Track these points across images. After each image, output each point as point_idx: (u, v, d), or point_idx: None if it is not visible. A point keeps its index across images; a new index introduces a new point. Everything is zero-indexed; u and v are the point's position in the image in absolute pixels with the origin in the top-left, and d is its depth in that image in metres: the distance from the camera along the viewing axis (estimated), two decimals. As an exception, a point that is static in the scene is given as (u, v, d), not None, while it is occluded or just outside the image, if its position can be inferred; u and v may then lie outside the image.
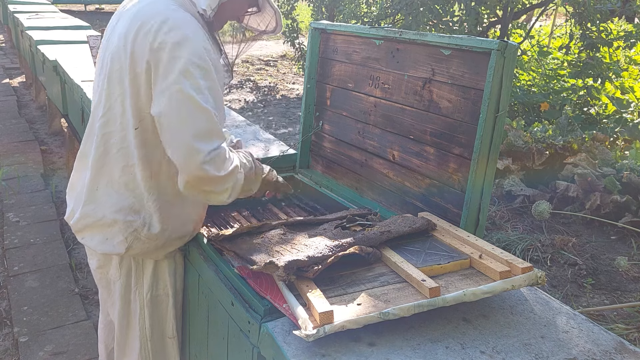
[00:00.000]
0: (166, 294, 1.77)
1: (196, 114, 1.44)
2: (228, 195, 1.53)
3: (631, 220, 3.72)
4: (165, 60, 1.45)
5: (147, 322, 1.77)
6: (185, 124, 1.44)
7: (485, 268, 1.39)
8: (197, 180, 1.47)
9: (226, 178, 1.50)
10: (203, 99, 1.45)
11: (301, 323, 1.19)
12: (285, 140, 5.12)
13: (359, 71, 2.02)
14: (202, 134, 1.45)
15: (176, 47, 1.45)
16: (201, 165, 1.44)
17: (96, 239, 1.64)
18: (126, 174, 1.57)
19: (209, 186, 1.49)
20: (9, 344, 2.70)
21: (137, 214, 1.60)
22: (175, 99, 1.43)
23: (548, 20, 10.92)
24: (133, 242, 1.61)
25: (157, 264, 1.72)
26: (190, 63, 1.44)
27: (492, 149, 1.55)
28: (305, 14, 11.84)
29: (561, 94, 6.04)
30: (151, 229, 1.61)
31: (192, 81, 1.44)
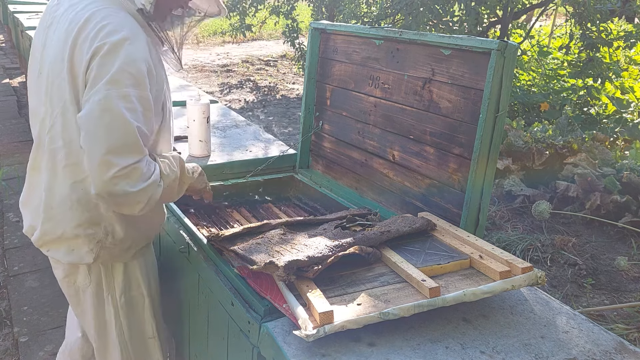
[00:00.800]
0: (141, 294, 1.74)
1: (116, 126, 1.37)
2: (141, 208, 1.47)
3: (631, 220, 3.72)
4: (97, 66, 1.39)
5: (124, 325, 1.73)
6: (102, 135, 1.37)
7: (485, 268, 1.39)
8: (107, 194, 1.40)
9: (139, 194, 1.43)
10: (128, 109, 1.39)
11: (301, 323, 1.19)
12: (285, 140, 5.12)
13: (359, 71, 2.02)
14: (118, 148, 1.37)
15: (109, 53, 1.39)
16: (111, 179, 1.37)
17: (61, 251, 1.60)
18: (77, 191, 1.52)
19: (119, 199, 1.43)
20: (9, 344, 2.70)
21: (97, 226, 1.56)
22: (98, 108, 1.37)
23: (548, 20, 10.92)
24: (100, 251, 1.58)
25: (127, 266, 1.70)
26: (121, 70, 1.38)
27: (492, 149, 1.55)
28: (305, 14, 11.85)
29: (561, 94, 6.04)
30: (115, 235, 1.59)
31: (119, 90, 1.37)
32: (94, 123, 1.37)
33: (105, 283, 1.68)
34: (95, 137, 1.37)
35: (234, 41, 12.80)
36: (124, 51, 1.39)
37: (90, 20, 1.43)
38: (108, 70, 1.38)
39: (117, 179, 1.38)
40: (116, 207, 1.50)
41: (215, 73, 9.58)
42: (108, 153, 1.37)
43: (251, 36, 12.52)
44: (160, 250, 2.04)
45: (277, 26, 10.45)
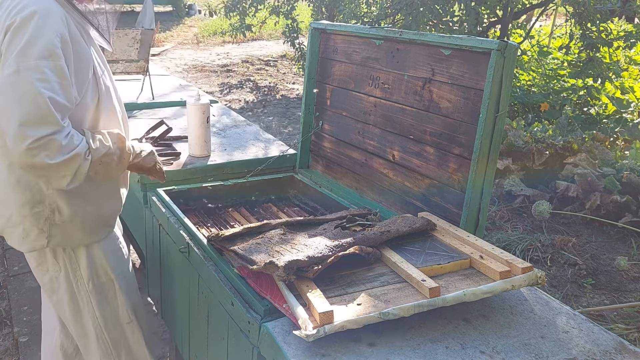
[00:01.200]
0: (109, 279, 1.74)
1: (27, 97, 1.38)
2: (68, 181, 1.48)
3: (631, 220, 3.72)
4: (8, 42, 1.41)
5: (96, 311, 1.74)
6: (14, 108, 1.38)
7: (485, 268, 1.39)
8: (26, 165, 1.42)
9: (61, 166, 1.43)
10: (40, 80, 1.38)
11: (301, 323, 1.19)
12: (285, 140, 5.12)
13: (359, 71, 2.02)
14: (31, 120, 1.37)
15: (21, 26, 1.40)
16: (27, 151, 1.37)
17: (14, 238, 1.63)
18: (14, 171, 1.55)
19: (41, 172, 1.45)
20: (9, 344, 2.70)
21: (41, 203, 1.58)
22: (8, 81, 1.38)
23: (548, 20, 10.91)
24: (50, 229, 1.60)
25: (90, 250, 1.70)
26: (29, 43, 1.39)
27: (492, 149, 1.55)
28: (305, 14, 11.85)
29: (561, 94, 6.04)
30: (62, 212, 1.59)
31: (28, 62, 1.38)
32: (5, 97, 1.38)
33: (71, 270, 1.69)
34: (7, 110, 1.38)
35: (234, 41, 12.80)
36: (33, 25, 1.40)
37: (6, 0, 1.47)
38: (17, 44, 1.39)
39: (33, 150, 1.38)
40: (43, 180, 1.52)
41: (215, 73, 9.58)
42: (22, 125, 1.36)
43: (251, 36, 12.52)
44: (160, 250, 2.04)
45: (277, 26, 10.45)
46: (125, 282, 1.78)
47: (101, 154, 1.55)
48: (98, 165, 1.54)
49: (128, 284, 1.80)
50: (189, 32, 13.83)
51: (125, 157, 1.65)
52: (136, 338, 1.85)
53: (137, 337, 1.84)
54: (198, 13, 16.05)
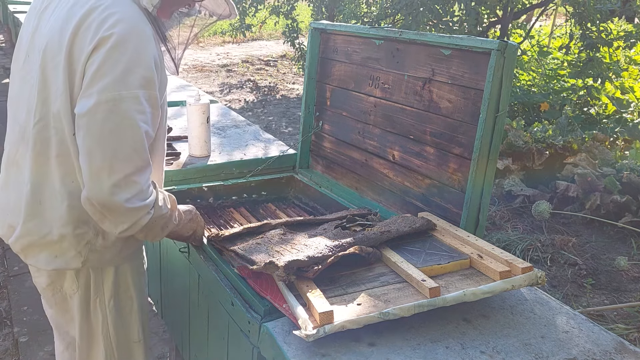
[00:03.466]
0: (129, 297, 1.65)
1: (124, 130, 1.28)
2: (123, 229, 1.35)
3: (631, 220, 3.72)
4: (103, 60, 1.27)
5: (111, 329, 1.64)
6: (107, 138, 1.27)
7: (485, 268, 1.39)
8: (101, 202, 1.29)
9: (131, 212, 1.32)
10: (138, 111, 1.29)
11: (301, 323, 1.19)
12: (285, 140, 5.12)
13: (359, 71, 2.02)
14: (123, 154, 1.27)
15: (117, 46, 1.27)
16: (111, 187, 1.27)
17: (42, 257, 1.49)
18: (67, 183, 1.41)
19: (111, 212, 1.31)
20: (9, 344, 2.70)
21: (86, 224, 1.45)
22: (105, 108, 1.26)
23: (548, 20, 10.91)
24: (89, 254, 1.48)
25: (118, 269, 1.59)
26: (131, 69, 1.28)
27: (492, 149, 1.55)
28: (305, 14, 11.85)
29: (561, 94, 6.04)
30: (106, 237, 1.48)
31: (130, 91, 1.27)
32: (99, 124, 1.27)
33: (93, 287, 1.58)
34: (99, 139, 1.27)
35: (234, 41, 12.80)
36: (133, 46, 1.29)
37: (96, 8, 1.32)
38: (116, 67, 1.27)
39: (116, 188, 1.27)
40: (100, 218, 1.35)
41: (215, 73, 9.58)
42: (113, 158, 1.26)
43: (251, 36, 12.52)
44: (160, 250, 2.04)
45: (277, 26, 10.46)
46: (140, 299, 1.69)
47: (159, 215, 1.41)
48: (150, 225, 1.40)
49: (142, 303, 1.71)
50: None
51: (170, 226, 1.51)
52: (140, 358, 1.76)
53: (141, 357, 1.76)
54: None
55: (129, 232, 1.37)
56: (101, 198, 1.29)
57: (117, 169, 1.27)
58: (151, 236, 1.47)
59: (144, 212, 1.35)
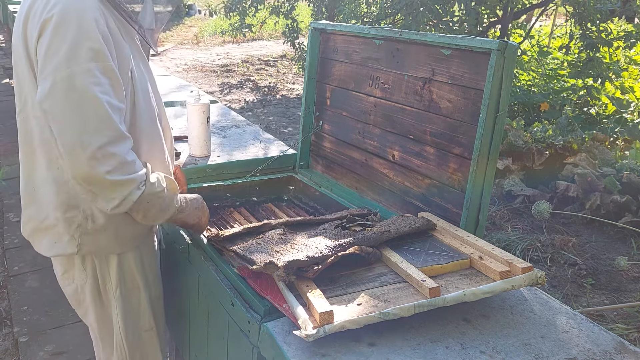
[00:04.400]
0: (136, 286, 1.67)
1: (85, 104, 1.30)
2: (114, 205, 1.37)
3: (631, 220, 3.72)
4: (49, 40, 1.30)
5: (119, 318, 1.67)
6: (71, 116, 1.29)
7: (485, 268, 1.39)
8: (83, 178, 1.33)
9: (115, 185, 1.34)
10: (94, 84, 1.30)
11: (301, 323, 1.19)
12: (285, 140, 5.12)
13: (359, 71, 2.02)
14: (91, 127, 1.29)
15: (61, 24, 1.29)
16: (88, 161, 1.29)
17: (44, 243, 1.54)
18: (52, 169, 1.46)
19: (94, 187, 1.35)
20: (9, 344, 2.70)
21: (75, 208, 1.49)
22: (61, 87, 1.29)
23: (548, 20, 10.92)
24: (82, 237, 1.51)
25: (122, 258, 1.62)
26: (77, 44, 1.29)
27: (492, 149, 1.55)
28: (305, 14, 11.85)
29: (561, 94, 6.04)
30: (95, 220, 1.50)
31: (80, 66, 1.29)
32: (61, 104, 1.30)
33: (100, 277, 1.62)
34: (64, 119, 1.30)
35: (234, 41, 12.81)
36: (75, 21, 1.31)
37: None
38: (62, 45, 1.29)
39: (94, 161, 1.30)
40: (92, 197, 1.40)
41: (215, 73, 9.58)
42: (82, 133, 1.29)
43: (251, 36, 12.52)
44: (160, 250, 2.04)
45: (277, 26, 10.45)
46: (150, 289, 1.71)
47: (153, 192, 1.44)
48: (145, 203, 1.43)
49: (153, 292, 1.73)
50: (189, 32, 13.84)
51: (171, 210, 1.53)
52: (153, 347, 1.78)
53: (154, 346, 1.78)
54: (198, 13, 16.06)
55: (122, 208, 1.39)
56: (82, 173, 1.32)
57: (88, 142, 1.29)
58: (150, 217, 1.49)
59: (132, 187, 1.37)
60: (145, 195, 1.41)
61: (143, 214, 1.47)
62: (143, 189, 1.40)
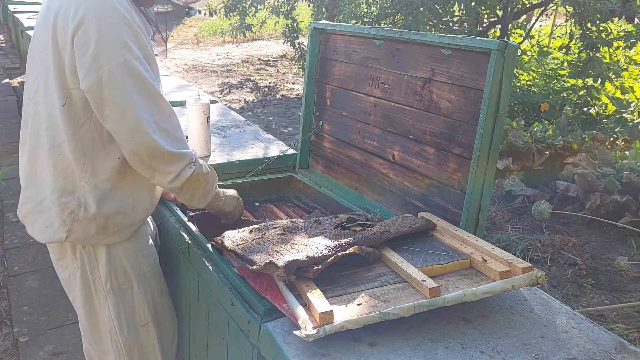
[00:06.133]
0: (128, 280, 1.69)
1: (141, 86, 1.43)
2: (171, 178, 1.50)
3: (631, 220, 3.72)
4: (93, 32, 1.39)
5: (112, 312, 1.68)
6: (132, 97, 1.41)
7: (485, 268, 1.39)
8: (145, 149, 1.45)
9: (173, 157, 1.48)
10: (144, 69, 1.44)
11: (301, 323, 1.19)
12: (285, 140, 5.12)
13: (359, 71, 2.02)
14: (148, 106, 1.44)
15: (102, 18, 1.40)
16: (150, 134, 1.43)
17: (37, 226, 1.59)
18: (53, 155, 1.53)
19: (155, 160, 1.47)
20: (9, 344, 2.70)
21: (70, 194, 1.54)
22: (119, 72, 1.40)
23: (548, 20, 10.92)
24: (72, 224, 1.55)
25: (110, 250, 1.65)
26: (122, 33, 1.41)
27: (492, 149, 1.55)
28: (305, 14, 11.85)
29: (561, 94, 6.04)
30: (88, 209, 1.55)
31: (132, 53, 1.42)
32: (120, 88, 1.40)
33: (89, 267, 1.64)
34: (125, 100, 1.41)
35: (234, 41, 12.80)
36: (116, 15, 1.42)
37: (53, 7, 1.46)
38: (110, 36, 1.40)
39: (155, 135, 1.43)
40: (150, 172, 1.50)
41: (215, 73, 9.58)
42: (142, 111, 1.42)
43: (251, 36, 12.52)
44: (160, 250, 2.04)
45: (277, 26, 10.46)
46: (144, 283, 1.72)
47: (201, 173, 1.58)
48: (193, 183, 1.57)
49: (147, 285, 1.74)
50: (189, 32, 13.83)
51: (211, 194, 1.67)
52: (150, 342, 1.77)
53: (151, 341, 1.77)
54: (198, 13, 16.05)
55: (177, 182, 1.52)
56: (146, 145, 1.44)
57: (148, 120, 1.43)
58: (196, 199, 1.63)
59: (185, 162, 1.52)
60: (195, 175, 1.55)
61: (191, 194, 1.60)
62: (194, 167, 1.54)
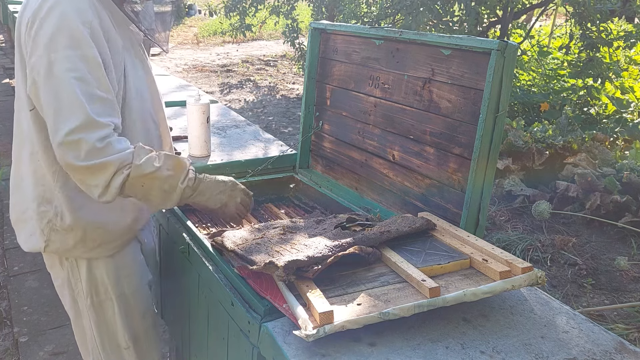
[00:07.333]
0: (108, 298, 1.60)
1: (60, 90, 1.31)
2: (99, 192, 1.34)
3: (631, 220, 3.72)
4: (35, 33, 1.34)
5: (94, 329, 1.62)
6: (50, 103, 1.32)
7: (485, 268, 1.39)
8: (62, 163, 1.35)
9: (89, 170, 1.32)
10: (69, 69, 1.31)
11: (301, 323, 1.19)
12: (285, 140, 5.12)
13: (359, 71, 2.02)
14: (63, 112, 1.30)
15: (46, 17, 1.33)
16: (59, 146, 1.31)
17: (22, 235, 1.56)
18: (33, 162, 1.48)
19: (75, 175, 1.35)
20: (9, 344, 2.70)
21: (49, 203, 1.49)
22: (42, 75, 1.32)
23: (548, 20, 10.92)
24: (50, 234, 1.50)
25: (92, 265, 1.57)
26: (56, 33, 1.32)
27: (492, 149, 1.55)
28: (305, 14, 11.85)
29: (561, 94, 6.04)
30: (64, 218, 1.49)
31: (58, 53, 1.31)
32: (43, 92, 1.33)
33: (72, 280, 1.59)
34: (46, 105, 1.33)
35: (234, 41, 12.80)
36: (57, 13, 1.33)
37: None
38: (44, 35, 1.32)
39: (64, 147, 1.30)
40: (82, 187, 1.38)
41: (215, 73, 9.58)
42: (56, 118, 1.31)
43: (251, 36, 12.52)
44: (160, 250, 2.04)
45: (277, 26, 10.45)
46: (125, 304, 1.64)
47: (143, 174, 1.37)
48: (139, 187, 1.37)
49: (129, 307, 1.65)
50: (189, 32, 13.83)
51: (177, 191, 1.44)
52: None
53: None
54: (198, 13, 16.06)
55: (109, 195, 1.34)
56: (61, 160, 1.34)
57: (60, 128, 1.30)
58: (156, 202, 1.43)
59: (110, 170, 1.32)
60: (133, 178, 1.35)
61: (145, 199, 1.41)
62: (127, 172, 1.34)
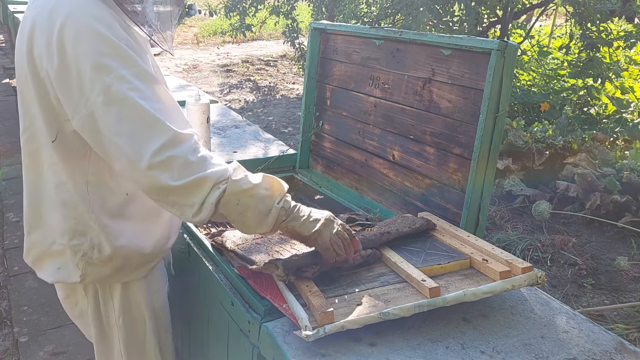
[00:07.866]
0: (141, 316, 1.56)
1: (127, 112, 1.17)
2: (194, 212, 1.21)
3: (631, 220, 3.72)
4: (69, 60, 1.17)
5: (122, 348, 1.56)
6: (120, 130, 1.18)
7: (485, 268, 1.39)
8: (153, 192, 1.21)
9: (186, 189, 1.19)
10: (130, 89, 1.17)
11: (301, 323, 1.19)
12: (285, 140, 5.12)
13: (359, 71, 2.02)
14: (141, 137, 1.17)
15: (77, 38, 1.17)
16: (147, 172, 1.17)
17: (48, 269, 1.43)
18: (61, 192, 1.34)
19: (170, 198, 1.21)
20: (9, 344, 2.70)
21: (82, 235, 1.37)
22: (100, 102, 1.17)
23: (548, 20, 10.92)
24: (86, 267, 1.39)
25: (127, 286, 1.51)
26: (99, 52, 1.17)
27: (492, 149, 1.55)
28: (305, 14, 11.84)
29: (561, 94, 6.04)
30: (102, 251, 1.38)
31: (110, 75, 1.17)
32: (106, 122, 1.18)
33: (102, 303, 1.51)
34: (114, 135, 1.18)
35: (234, 41, 12.80)
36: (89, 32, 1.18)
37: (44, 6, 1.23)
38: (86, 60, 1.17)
39: (154, 171, 1.17)
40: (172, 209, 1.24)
41: (215, 73, 9.58)
42: (134, 144, 1.17)
43: (251, 36, 12.52)
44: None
45: (277, 26, 10.45)
46: (155, 319, 1.59)
47: (240, 190, 1.23)
48: (233, 205, 1.23)
49: (158, 322, 1.60)
50: (188, 32, 13.83)
51: (273, 212, 1.26)
52: None
53: None
54: (198, 13, 16.05)
55: (204, 214, 1.21)
56: (150, 186, 1.20)
57: (142, 153, 1.17)
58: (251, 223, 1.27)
59: (206, 187, 1.20)
60: (229, 195, 1.22)
61: (240, 220, 1.27)
62: (223, 187, 1.21)
